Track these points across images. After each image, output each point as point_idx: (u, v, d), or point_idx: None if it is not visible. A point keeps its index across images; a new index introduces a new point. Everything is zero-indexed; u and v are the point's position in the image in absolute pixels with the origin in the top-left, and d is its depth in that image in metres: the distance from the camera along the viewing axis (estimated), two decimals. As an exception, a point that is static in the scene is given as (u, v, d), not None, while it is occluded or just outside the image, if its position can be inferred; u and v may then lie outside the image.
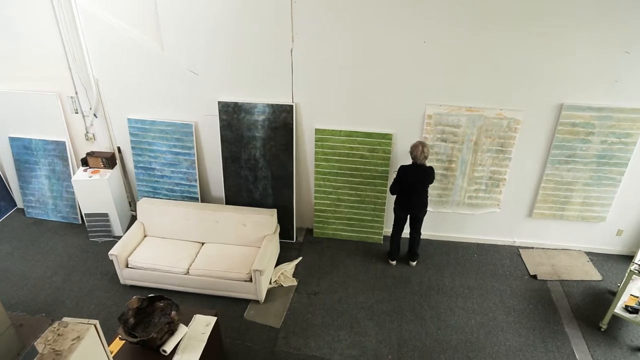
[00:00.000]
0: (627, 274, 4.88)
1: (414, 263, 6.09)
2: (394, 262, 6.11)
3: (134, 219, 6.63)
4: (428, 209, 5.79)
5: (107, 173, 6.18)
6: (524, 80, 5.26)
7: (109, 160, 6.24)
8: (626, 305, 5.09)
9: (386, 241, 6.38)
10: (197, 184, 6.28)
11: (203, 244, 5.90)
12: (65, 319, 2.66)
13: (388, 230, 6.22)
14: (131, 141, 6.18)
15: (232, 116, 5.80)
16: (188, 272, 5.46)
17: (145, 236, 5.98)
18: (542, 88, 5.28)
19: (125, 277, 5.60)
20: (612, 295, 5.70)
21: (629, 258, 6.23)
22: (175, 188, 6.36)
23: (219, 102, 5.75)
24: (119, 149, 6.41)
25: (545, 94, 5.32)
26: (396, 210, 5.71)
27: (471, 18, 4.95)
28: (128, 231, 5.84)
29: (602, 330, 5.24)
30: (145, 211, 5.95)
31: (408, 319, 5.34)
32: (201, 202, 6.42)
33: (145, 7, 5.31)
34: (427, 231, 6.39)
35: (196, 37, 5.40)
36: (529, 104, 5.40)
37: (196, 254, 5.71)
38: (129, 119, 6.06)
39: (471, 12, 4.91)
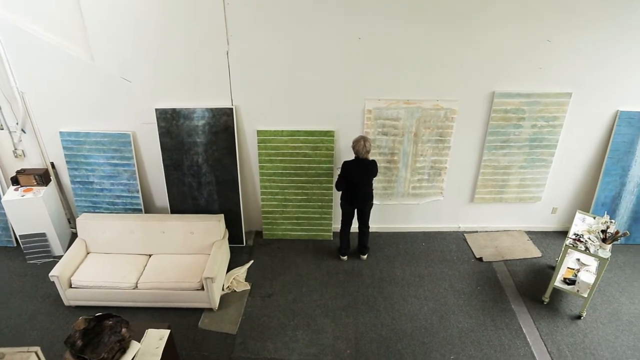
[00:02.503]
0: (563, 249, 5.17)
1: (365, 256, 6.18)
2: (345, 257, 6.17)
3: (74, 236, 6.35)
4: (374, 202, 5.89)
5: (42, 191, 5.88)
6: (457, 71, 5.45)
7: (43, 177, 5.94)
8: (564, 278, 5.40)
9: (336, 237, 6.44)
10: (140, 195, 6.09)
11: (150, 255, 5.74)
12: (1, 349, 2.51)
13: (337, 226, 6.27)
14: (65, 155, 5.91)
15: (170, 123, 5.66)
16: (137, 287, 5.29)
17: (88, 253, 5.74)
18: (474, 78, 5.49)
19: (70, 298, 5.35)
20: (551, 269, 6.02)
21: (564, 233, 6.59)
22: (117, 201, 6.14)
23: (156, 110, 5.60)
24: (52, 164, 6.11)
25: (477, 83, 5.53)
26: (343, 205, 5.77)
27: (403, 13, 5.06)
28: (69, 250, 5.58)
29: (545, 303, 5.52)
30: (86, 227, 5.71)
31: (363, 312, 5.42)
32: (145, 213, 6.23)
33: (70, 16, 5.07)
34: (375, 224, 6.50)
35: (127, 44, 5.22)
36: (463, 93, 5.59)
37: (144, 266, 5.55)
38: (61, 132, 5.79)
39: (403, 7, 5.02)
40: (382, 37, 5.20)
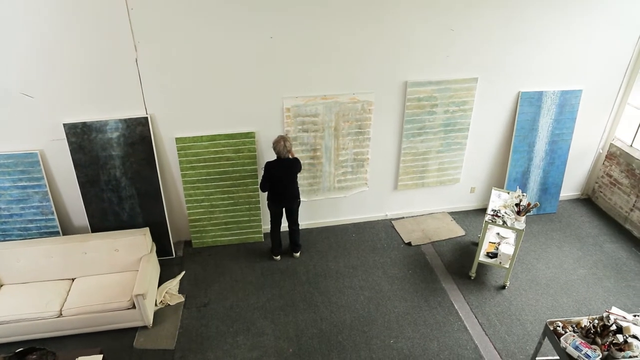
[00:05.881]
0: (483, 225, 5.47)
1: (298, 254, 6.20)
2: (278, 257, 6.16)
3: (-16, 268, 5.87)
4: (301, 199, 5.92)
5: (-59, 223, 5.39)
6: (370, 64, 5.59)
7: (-59, 209, 5.44)
8: (487, 252, 5.71)
9: (267, 238, 6.42)
10: (55, 217, 5.73)
11: (73, 279, 5.42)
12: None
13: (267, 227, 6.25)
14: (-35, 183, 5.44)
15: (82, 137, 5.37)
16: (61, 314, 4.98)
17: (1, 286, 5.32)
18: (387, 69, 5.66)
19: (-15, 335, 4.95)
20: (475, 246, 6.36)
21: (484, 210, 7.00)
22: (30, 225, 5.73)
23: (64, 125, 5.28)
24: (-50, 193, 5.61)
25: (390, 74, 5.71)
26: (270, 206, 5.75)
27: (311, 9, 5.12)
28: (-21, 284, 5.16)
29: (472, 278, 5.82)
30: (-3, 257, 5.29)
31: (301, 309, 5.44)
32: (63, 235, 5.87)
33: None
34: (305, 221, 6.54)
35: (25, 56, 4.87)
36: (377, 85, 5.75)
37: (67, 292, 5.23)
38: (-43, 158, 5.32)
39: (311, 3, 5.08)
40: (293, 34, 5.23)
